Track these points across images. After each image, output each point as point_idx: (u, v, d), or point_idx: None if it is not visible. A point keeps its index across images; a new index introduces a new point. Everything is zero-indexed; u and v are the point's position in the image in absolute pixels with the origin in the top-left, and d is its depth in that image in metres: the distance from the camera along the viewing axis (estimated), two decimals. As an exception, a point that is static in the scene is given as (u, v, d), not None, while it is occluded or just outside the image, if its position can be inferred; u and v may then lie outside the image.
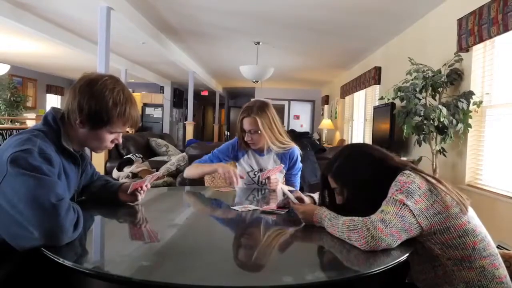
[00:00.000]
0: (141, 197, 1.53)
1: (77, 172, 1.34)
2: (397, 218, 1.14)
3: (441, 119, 3.23)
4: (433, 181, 1.24)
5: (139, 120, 1.40)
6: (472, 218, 1.23)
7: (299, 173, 2.34)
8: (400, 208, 1.16)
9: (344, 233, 1.18)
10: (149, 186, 1.56)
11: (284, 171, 2.25)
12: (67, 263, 0.95)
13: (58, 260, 0.95)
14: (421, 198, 1.18)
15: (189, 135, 9.39)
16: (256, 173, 2.24)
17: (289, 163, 2.24)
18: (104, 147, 1.34)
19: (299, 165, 2.30)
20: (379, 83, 6.11)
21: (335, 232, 1.22)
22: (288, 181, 2.32)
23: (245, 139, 2.14)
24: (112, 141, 1.33)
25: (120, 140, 1.36)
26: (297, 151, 2.26)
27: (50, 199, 1.04)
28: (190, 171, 2.24)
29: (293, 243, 1.29)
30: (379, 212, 1.18)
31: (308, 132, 4.79)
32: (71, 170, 1.28)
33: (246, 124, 2.11)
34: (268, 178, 2.04)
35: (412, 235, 1.17)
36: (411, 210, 1.16)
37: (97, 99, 1.23)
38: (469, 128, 3.25)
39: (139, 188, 1.50)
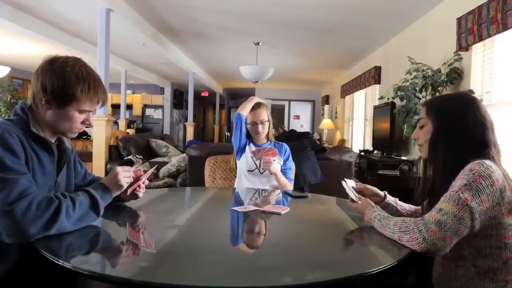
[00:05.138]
0: (141, 194, 1.54)
1: (51, 161, 1.30)
2: (454, 220, 1.08)
3: (441, 118, 3.23)
4: (510, 182, 1.15)
5: (107, 97, 1.37)
6: None
7: (292, 169, 2.48)
8: (461, 209, 1.08)
9: (395, 234, 1.15)
10: (146, 182, 1.55)
11: (281, 162, 2.40)
12: (67, 265, 0.95)
13: (57, 262, 0.95)
14: (488, 197, 1.09)
15: (190, 136, 9.39)
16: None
17: (284, 153, 2.44)
18: (75, 128, 1.30)
19: (291, 161, 2.49)
20: (379, 83, 6.11)
21: (386, 232, 1.19)
22: (283, 174, 2.42)
23: (259, 131, 2.37)
24: (82, 122, 1.31)
25: (91, 120, 1.34)
26: (287, 147, 2.48)
27: (2, 205, 1.04)
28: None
29: (293, 243, 1.29)
30: (435, 211, 1.12)
31: (308, 132, 4.77)
32: (44, 157, 1.26)
33: (261, 115, 2.37)
34: (261, 158, 2.21)
35: (461, 238, 1.11)
36: (472, 213, 1.08)
37: (58, 76, 1.22)
38: (469, 127, 3.24)
39: (138, 188, 1.50)
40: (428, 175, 1.34)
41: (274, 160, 2.28)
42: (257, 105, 2.42)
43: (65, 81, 1.22)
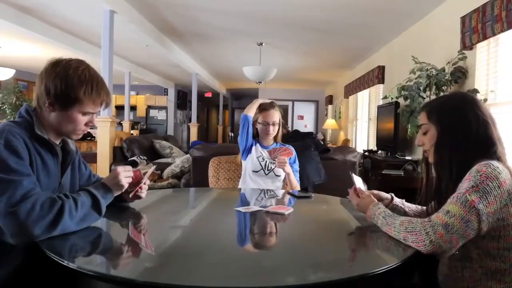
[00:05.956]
0: (143, 195, 1.55)
1: (56, 163, 1.31)
2: (461, 223, 1.07)
3: (446, 118, 3.21)
4: None
5: (111, 99, 1.37)
6: None
7: (298, 173, 2.46)
8: (468, 212, 1.07)
9: (400, 234, 1.14)
10: (148, 182, 1.56)
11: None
12: (71, 265, 0.95)
13: (62, 263, 0.96)
14: (495, 199, 1.08)
15: (193, 136, 9.41)
16: (264, 158, 2.35)
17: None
18: (78, 130, 1.31)
19: (297, 163, 2.47)
20: (382, 82, 6.09)
21: (390, 231, 1.18)
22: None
23: (269, 132, 2.35)
24: (86, 124, 1.31)
25: (95, 122, 1.34)
26: (293, 149, 2.43)
27: (6, 206, 1.05)
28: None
29: (297, 244, 1.29)
30: (443, 213, 1.10)
31: (312, 133, 4.77)
32: (48, 158, 1.26)
33: (274, 116, 2.35)
34: (276, 157, 2.19)
35: (467, 240, 1.10)
36: (479, 215, 1.07)
37: (61, 78, 1.22)
38: (474, 126, 3.22)
39: (140, 189, 1.51)
40: (430, 177, 1.33)
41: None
42: (271, 106, 2.38)
43: (68, 84, 1.23)
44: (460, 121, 1.23)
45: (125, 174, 1.38)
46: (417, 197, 1.43)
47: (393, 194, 1.53)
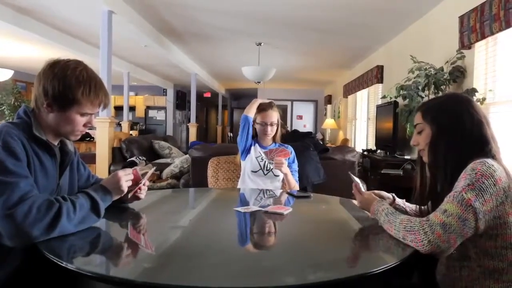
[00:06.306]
0: (142, 195, 1.55)
1: (54, 164, 1.30)
2: (458, 222, 1.07)
3: (444, 117, 3.21)
4: None
5: (109, 99, 1.37)
6: None
7: (297, 173, 2.46)
8: (465, 210, 1.07)
9: (400, 232, 1.15)
10: (147, 183, 1.56)
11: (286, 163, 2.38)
12: (70, 266, 0.95)
13: (61, 264, 0.96)
14: (491, 197, 1.09)
15: (192, 137, 9.40)
16: (263, 158, 2.36)
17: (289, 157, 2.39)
18: (77, 131, 1.30)
19: (296, 163, 2.47)
20: (381, 82, 6.09)
21: (391, 229, 1.19)
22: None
23: (267, 132, 2.36)
24: (84, 125, 1.31)
25: (93, 123, 1.34)
26: (292, 149, 2.45)
27: (3, 208, 1.04)
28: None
29: (296, 243, 1.29)
30: (440, 212, 1.10)
31: (311, 132, 4.78)
32: (46, 160, 1.26)
33: (272, 117, 2.36)
34: (273, 158, 2.19)
35: (464, 239, 1.10)
36: (475, 213, 1.07)
37: (59, 79, 1.22)
38: (472, 126, 3.22)
39: (139, 190, 1.51)
40: (425, 177, 1.34)
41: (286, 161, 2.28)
42: (269, 106, 2.39)
43: (66, 85, 1.22)
44: (455, 121, 1.24)
45: (126, 178, 1.38)
46: (412, 197, 1.44)
47: (394, 195, 1.54)
